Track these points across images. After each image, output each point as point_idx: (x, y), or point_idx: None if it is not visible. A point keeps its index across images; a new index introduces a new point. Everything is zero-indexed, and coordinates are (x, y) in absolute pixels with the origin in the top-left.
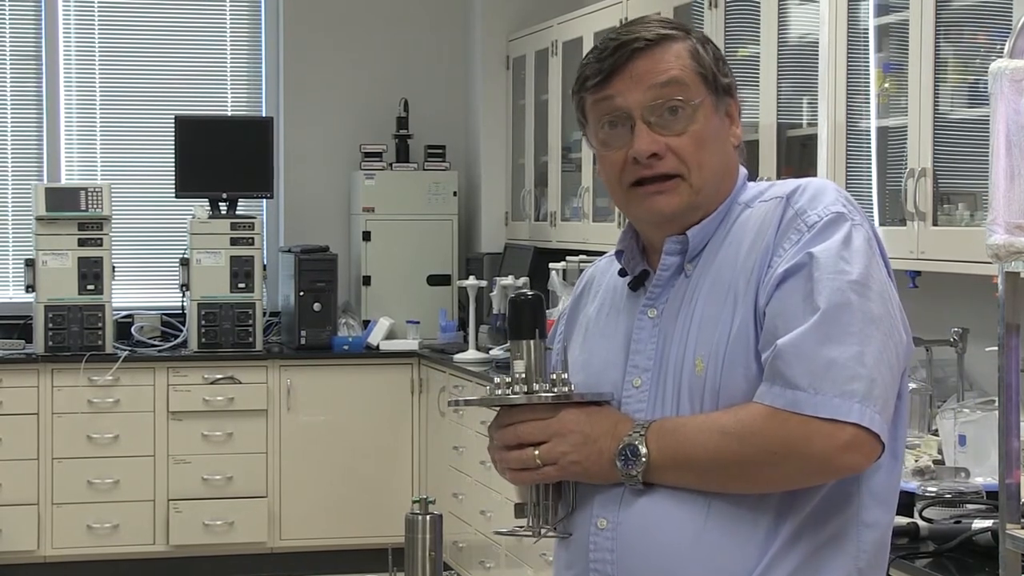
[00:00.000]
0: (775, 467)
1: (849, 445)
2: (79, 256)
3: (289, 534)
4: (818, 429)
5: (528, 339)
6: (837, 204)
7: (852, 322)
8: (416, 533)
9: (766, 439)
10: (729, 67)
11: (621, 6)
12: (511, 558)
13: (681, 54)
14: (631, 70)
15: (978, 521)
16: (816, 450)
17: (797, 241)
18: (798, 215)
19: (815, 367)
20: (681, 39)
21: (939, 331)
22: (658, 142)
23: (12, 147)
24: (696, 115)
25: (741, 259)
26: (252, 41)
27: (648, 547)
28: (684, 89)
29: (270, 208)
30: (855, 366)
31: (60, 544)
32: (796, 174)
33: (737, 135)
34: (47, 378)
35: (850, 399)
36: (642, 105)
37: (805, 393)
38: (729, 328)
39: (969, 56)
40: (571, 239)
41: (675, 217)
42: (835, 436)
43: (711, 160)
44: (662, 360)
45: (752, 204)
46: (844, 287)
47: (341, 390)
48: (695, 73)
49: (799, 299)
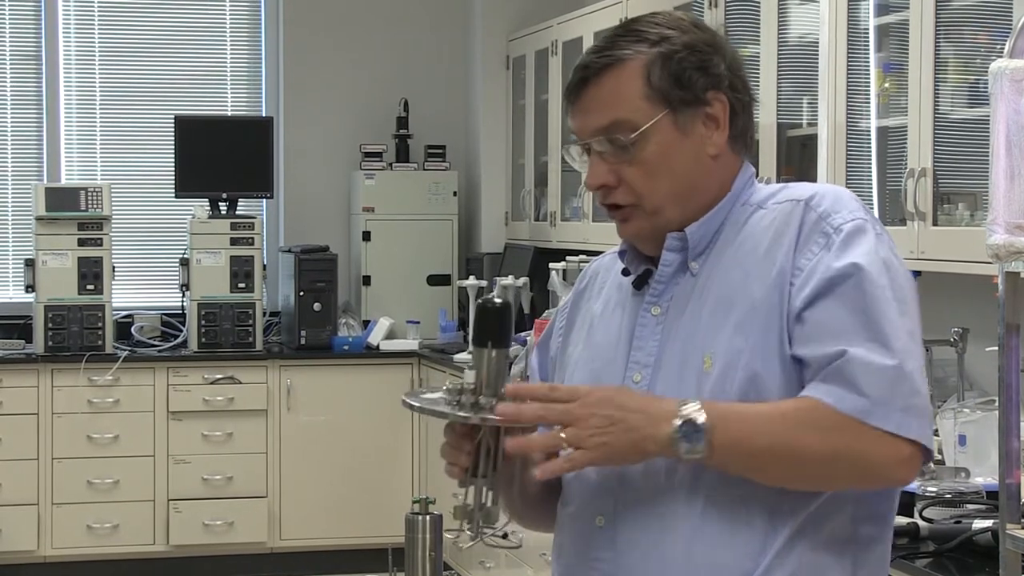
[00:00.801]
0: (834, 466)
1: (907, 461)
2: (79, 256)
3: (289, 534)
4: (883, 440)
5: (486, 347)
6: (860, 211)
7: (906, 339)
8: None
9: (835, 438)
10: (707, 72)
11: (621, 6)
12: (511, 558)
13: (630, 78)
14: (583, 100)
15: (978, 521)
16: (878, 460)
17: (827, 245)
18: (822, 218)
19: (884, 380)
20: (634, 59)
21: (939, 331)
22: (606, 175)
23: (12, 147)
24: (646, 142)
25: (758, 260)
26: (252, 41)
27: (647, 545)
28: (625, 125)
29: (270, 208)
30: (916, 382)
31: (60, 544)
32: (796, 174)
33: (717, 143)
34: (47, 378)
35: (911, 415)
36: (592, 136)
37: (873, 403)
38: (746, 329)
39: (969, 56)
40: (571, 239)
41: (647, 238)
42: (899, 451)
43: (667, 182)
44: (664, 357)
45: (764, 206)
46: (894, 303)
47: (341, 390)
48: (643, 98)
49: (852, 310)
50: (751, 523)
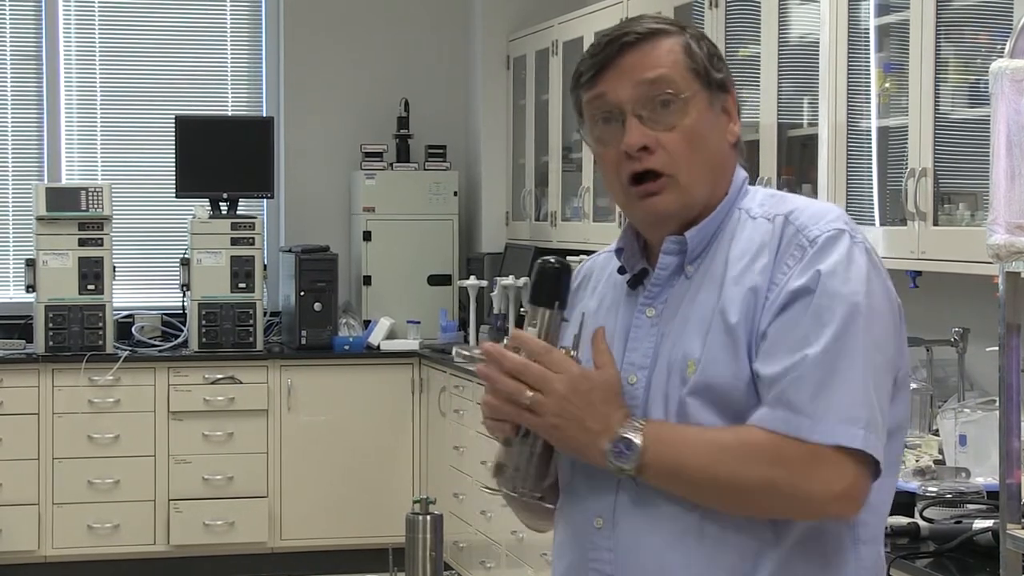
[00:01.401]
0: (766, 495)
1: (844, 494)
2: (80, 256)
3: (289, 534)
4: (821, 463)
5: (545, 307)
6: (838, 221)
7: (857, 349)
8: (417, 533)
9: (763, 464)
10: (725, 63)
11: (622, 6)
12: (512, 558)
13: (672, 49)
14: (621, 65)
15: (979, 521)
16: (812, 489)
17: (801, 258)
18: (799, 231)
19: (820, 392)
20: (673, 34)
21: (940, 331)
22: (648, 136)
23: (13, 147)
24: (687, 109)
25: (739, 271)
26: (253, 41)
27: (645, 547)
28: (674, 84)
29: (271, 208)
30: (859, 393)
31: (61, 544)
32: (797, 174)
33: (734, 132)
34: (48, 378)
35: (854, 425)
36: (632, 100)
37: (808, 419)
38: (722, 337)
39: (970, 56)
40: (572, 239)
41: (670, 216)
42: (837, 480)
43: (702, 157)
44: (658, 359)
45: (754, 212)
46: (850, 311)
47: (342, 390)
48: (686, 68)
49: (806, 322)
50: (750, 524)
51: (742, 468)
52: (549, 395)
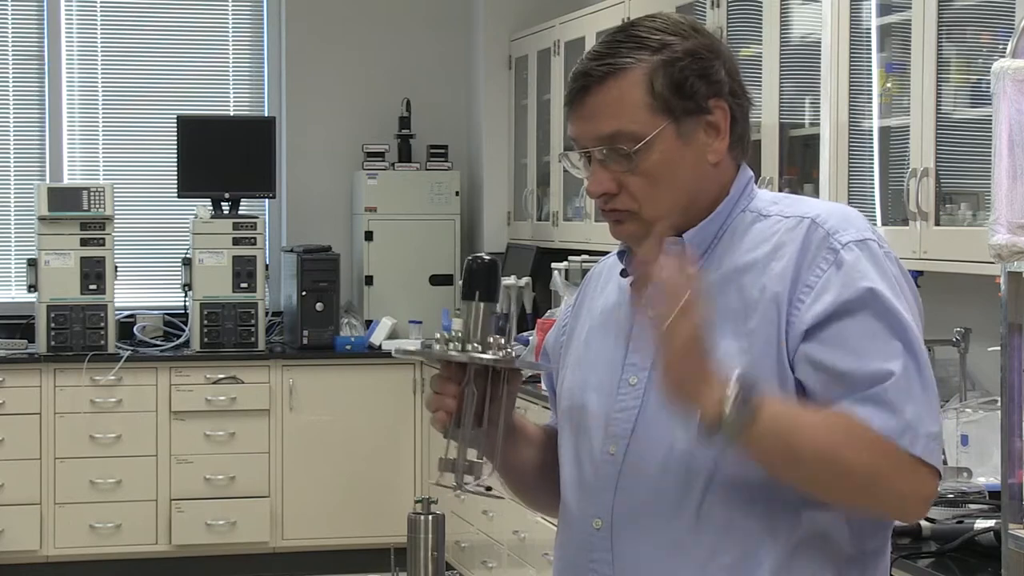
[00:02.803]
0: (866, 482)
1: (928, 498)
2: (81, 256)
3: (291, 534)
4: (910, 468)
5: (473, 300)
6: (867, 230)
7: (926, 364)
8: (418, 533)
9: (874, 458)
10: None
11: (623, 6)
12: (513, 558)
13: (633, 87)
14: (584, 108)
15: (981, 521)
16: (905, 491)
17: (835, 262)
18: (829, 234)
19: (918, 404)
20: (636, 67)
21: (942, 331)
22: (608, 182)
23: (15, 147)
24: (650, 150)
25: (757, 271)
26: (254, 41)
27: (643, 550)
28: (630, 135)
29: (272, 208)
30: (935, 412)
31: (62, 544)
32: (799, 174)
33: (718, 150)
34: (49, 378)
35: (935, 442)
36: (595, 145)
37: (909, 428)
38: (729, 338)
39: (972, 56)
40: (573, 239)
41: (637, 241)
42: (923, 483)
43: (669, 190)
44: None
45: (767, 214)
46: (912, 329)
47: (343, 390)
48: (646, 108)
49: (873, 335)
50: (748, 529)
51: (852, 450)
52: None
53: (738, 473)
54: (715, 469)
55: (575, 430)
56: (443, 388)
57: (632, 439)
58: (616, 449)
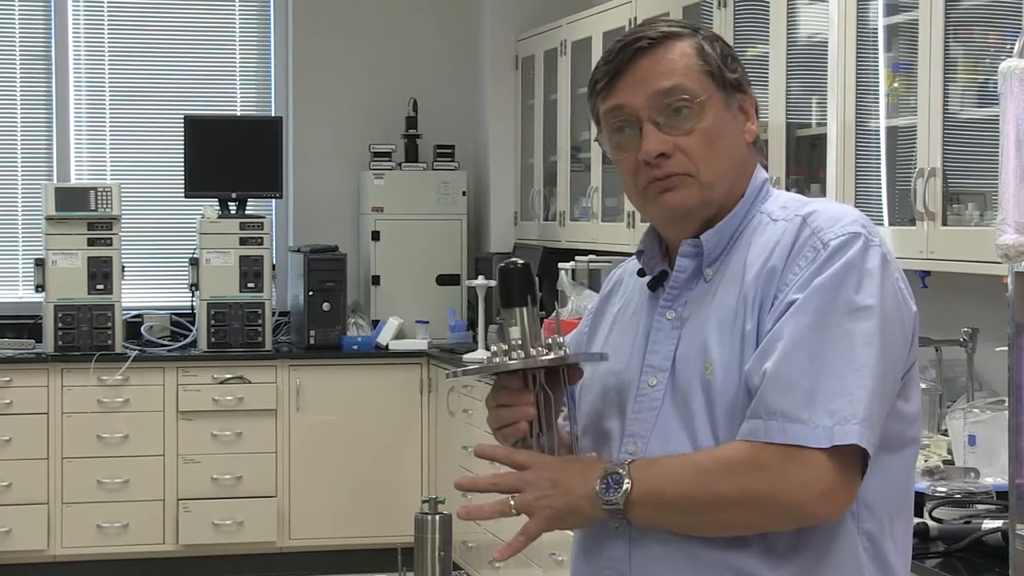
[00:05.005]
0: (742, 507)
1: (824, 483)
2: (89, 256)
3: (298, 534)
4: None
5: (520, 306)
6: (855, 225)
7: (848, 348)
8: (425, 533)
9: (737, 475)
10: (741, 64)
11: (630, 6)
12: (520, 558)
13: (685, 52)
14: (634, 72)
15: (988, 521)
16: (790, 492)
17: (813, 259)
18: (815, 233)
19: (791, 391)
20: (686, 37)
21: (949, 331)
22: (666, 142)
23: (22, 147)
24: (704, 112)
25: (754, 273)
26: (261, 41)
27: (659, 549)
28: (688, 90)
29: (279, 208)
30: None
31: (69, 543)
32: (806, 174)
33: (752, 131)
34: (57, 378)
35: (829, 419)
36: (648, 107)
37: (778, 421)
38: (737, 339)
39: (979, 56)
40: (580, 239)
41: (688, 213)
42: (810, 484)
43: (721, 157)
44: (679, 362)
45: (775, 215)
46: (846, 313)
47: (350, 390)
48: (700, 71)
49: (800, 325)
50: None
51: (717, 484)
52: (525, 488)
53: None
54: None
55: (595, 430)
56: (514, 398)
57: (651, 439)
58: (635, 449)
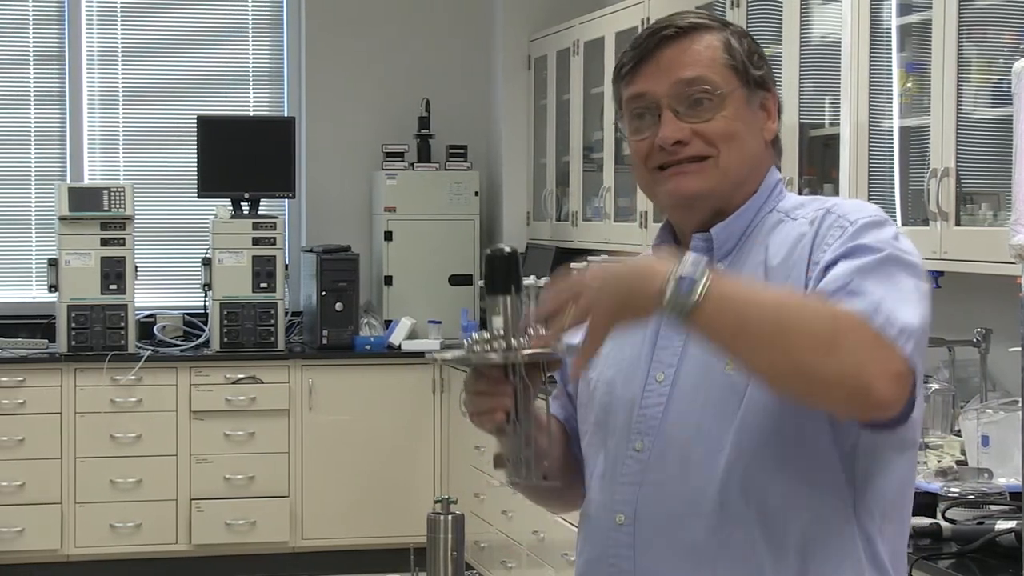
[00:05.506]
0: (827, 350)
1: (897, 378)
2: (102, 256)
3: (311, 534)
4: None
5: (504, 294)
6: (879, 214)
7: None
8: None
9: (832, 319)
10: (767, 62)
11: (643, 6)
12: (532, 558)
13: (711, 45)
14: (659, 59)
15: (1001, 522)
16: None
17: (842, 235)
18: (841, 216)
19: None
20: (714, 30)
21: (962, 331)
22: (683, 129)
23: (35, 147)
24: (725, 104)
25: (777, 265)
26: (274, 41)
27: (665, 546)
28: (710, 82)
29: (292, 208)
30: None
31: (83, 543)
32: (818, 174)
33: (772, 129)
34: (70, 378)
35: (909, 338)
36: (668, 95)
37: (878, 310)
38: None
39: (992, 55)
40: (593, 239)
41: (697, 199)
42: (893, 362)
43: (738, 148)
44: (687, 356)
45: (793, 216)
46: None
47: (363, 390)
48: (724, 65)
49: (852, 267)
50: (774, 526)
51: (809, 317)
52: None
53: (762, 474)
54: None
55: (601, 426)
56: (494, 388)
57: (658, 435)
58: (642, 445)
